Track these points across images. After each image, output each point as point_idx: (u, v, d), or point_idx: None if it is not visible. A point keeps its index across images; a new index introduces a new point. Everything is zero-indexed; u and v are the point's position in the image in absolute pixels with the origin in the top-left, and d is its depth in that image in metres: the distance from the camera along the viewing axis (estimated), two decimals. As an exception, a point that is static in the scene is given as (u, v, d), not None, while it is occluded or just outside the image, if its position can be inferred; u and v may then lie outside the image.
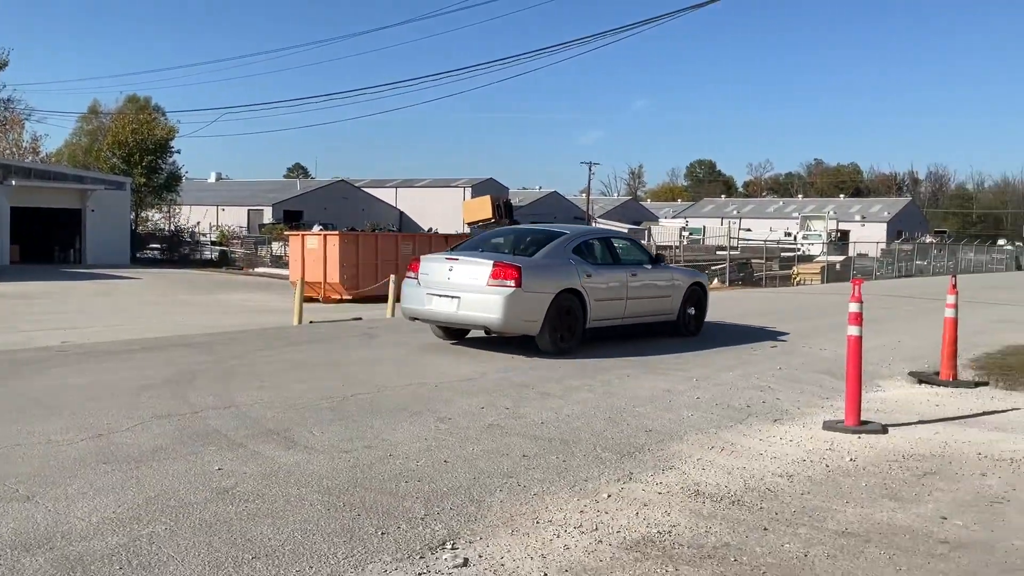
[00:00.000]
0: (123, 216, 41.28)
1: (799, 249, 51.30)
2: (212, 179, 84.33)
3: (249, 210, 64.85)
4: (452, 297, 10.12)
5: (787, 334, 13.08)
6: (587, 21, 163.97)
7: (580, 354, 10.29)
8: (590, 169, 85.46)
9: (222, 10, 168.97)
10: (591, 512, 4.72)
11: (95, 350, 10.44)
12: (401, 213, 75.97)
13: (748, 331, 13.39)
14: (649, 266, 11.95)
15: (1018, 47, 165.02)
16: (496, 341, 11.18)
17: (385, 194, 77.90)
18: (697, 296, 12.68)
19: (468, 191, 71.80)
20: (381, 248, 25.58)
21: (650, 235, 49.52)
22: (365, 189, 76.83)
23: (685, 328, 12.42)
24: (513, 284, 9.78)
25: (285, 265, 32.95)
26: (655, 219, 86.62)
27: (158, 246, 45.80)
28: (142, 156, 45.84)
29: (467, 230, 34.26)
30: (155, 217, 48.78)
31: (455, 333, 11.27)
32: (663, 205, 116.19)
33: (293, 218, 60.09)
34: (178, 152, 49.98)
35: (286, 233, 33.23)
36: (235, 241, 47.19)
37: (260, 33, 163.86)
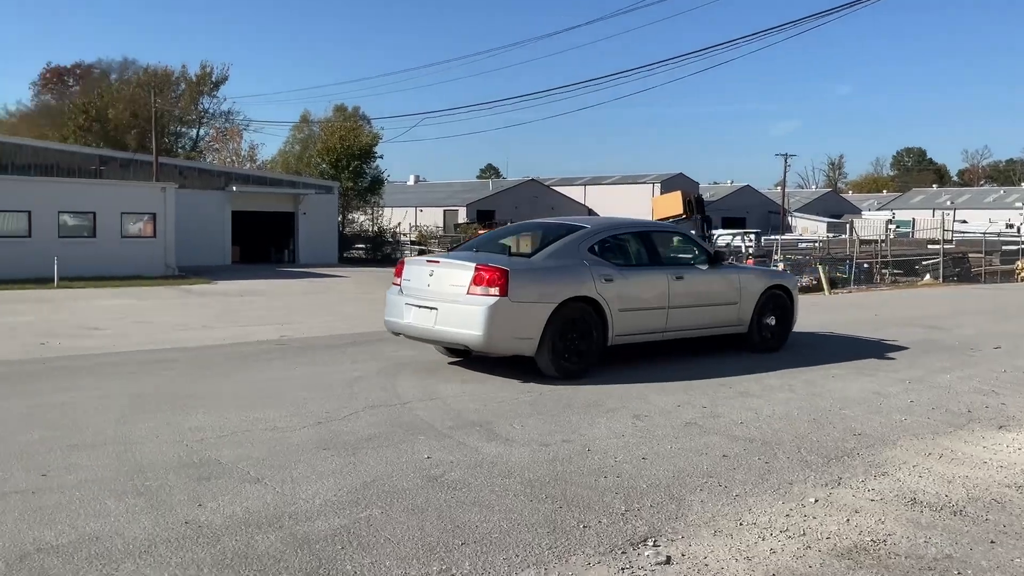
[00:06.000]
0: (332, 218, 43.78)
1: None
2: (411, 181, 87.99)
3: (445, 210, 67.17)
4: (430, 308, 8.44)
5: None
6: (780, 5, 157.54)
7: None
8: (786, 161, 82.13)
9: (424, 18, 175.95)
10: (797, 516, 4.57)
11: (310, 344, 11.21)
12: (590, 211, 76.21)
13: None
14: (704, 266, 9.84)
15: None
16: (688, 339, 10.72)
17: (574, 192, 78.42)
18: (780, 303, 10.47)
19: (657, 187, 70.99)
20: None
21: (852, 229, 47.01)
22: (554, 188, 77.69)
23: (762, 341, 10.24)
24: (497, 292, 7.97)
25: (479, 263, 33.81)
26: (857, 212, 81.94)
27: (363, 246, 48.23)
28: (348, 162, 48.49)
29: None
30: (360, 219, 51.38)
31: (458, 351, 9.23)
32: (866, 197, 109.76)
33: (486, 217, 61.76)
34: (381, 157, 52.38)
35: (480, 232, 34.11)
36: (432, 240, 48.93)
37: (455, 39, 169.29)
